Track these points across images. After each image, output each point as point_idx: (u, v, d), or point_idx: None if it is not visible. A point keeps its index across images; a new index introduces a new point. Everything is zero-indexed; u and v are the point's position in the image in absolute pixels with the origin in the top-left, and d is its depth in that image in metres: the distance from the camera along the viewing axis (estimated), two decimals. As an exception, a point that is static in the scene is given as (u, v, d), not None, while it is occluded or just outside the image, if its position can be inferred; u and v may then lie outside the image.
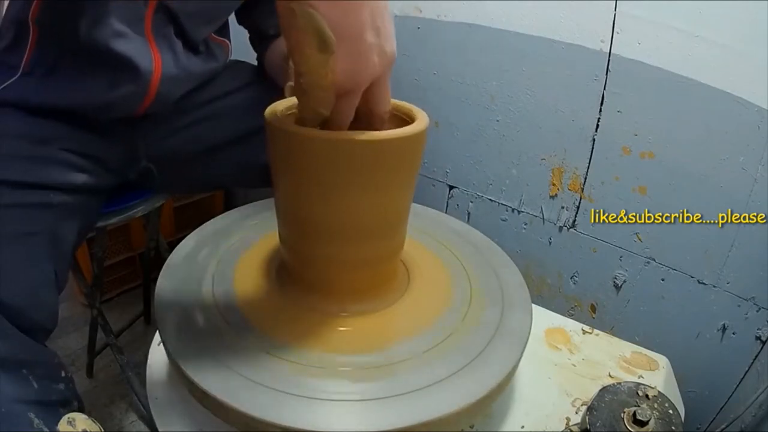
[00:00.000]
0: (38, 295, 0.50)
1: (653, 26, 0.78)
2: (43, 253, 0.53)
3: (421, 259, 0.54)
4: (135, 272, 1.35)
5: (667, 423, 0.43)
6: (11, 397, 0.43)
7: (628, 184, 0.87)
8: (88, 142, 0.63)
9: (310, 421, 0.36)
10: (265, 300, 0.48)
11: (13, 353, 0.45)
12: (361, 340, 0.44)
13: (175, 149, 0.71)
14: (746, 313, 0.80)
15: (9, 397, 0.43)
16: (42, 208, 0.56)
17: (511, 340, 0.45)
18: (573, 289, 0.99)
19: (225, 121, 0.73)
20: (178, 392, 0.48)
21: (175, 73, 0.63)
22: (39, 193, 0.56)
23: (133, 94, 0.60)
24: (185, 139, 0.71)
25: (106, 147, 0.66)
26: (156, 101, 0.63)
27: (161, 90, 0.62)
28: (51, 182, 0.57)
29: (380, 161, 0.40)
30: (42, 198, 0.56)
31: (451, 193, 1.10)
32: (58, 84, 0.60)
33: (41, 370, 0.47)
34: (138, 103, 0.62)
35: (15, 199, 0.53)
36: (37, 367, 0.46)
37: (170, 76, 0.62)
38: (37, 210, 0.55)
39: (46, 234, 0.55)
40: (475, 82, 0.98)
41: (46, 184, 0.57)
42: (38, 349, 0.48)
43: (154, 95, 0.62)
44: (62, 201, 0.58)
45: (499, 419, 0.49)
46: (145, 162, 0.71)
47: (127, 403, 1.07)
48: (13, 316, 0.46)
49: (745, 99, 0.73)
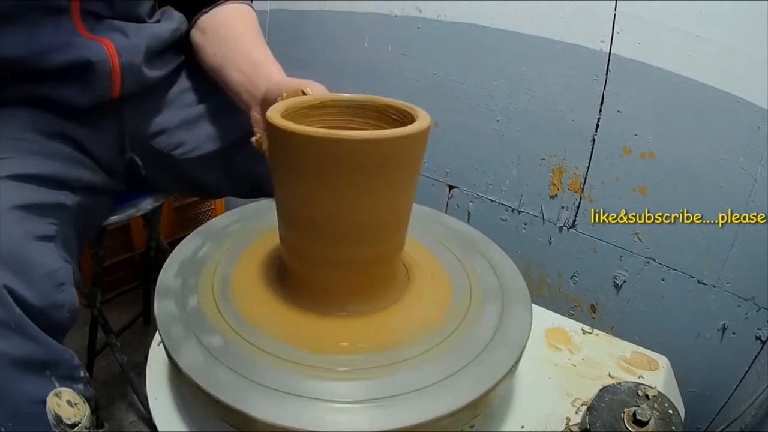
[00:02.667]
0: (61, 294, 0.50)
1: (653, 26, 0.78)
2: (60, 254, 0.53)
3: (421, 259, 0.54)
4: (135, 272, 1.35)
5: (667, 423, 0.43)
6: (34, 398, 0.44)
7: (628, 184, 0.87)
8: (81, 135, 0.64)
9: (310, 421, 0.36)
10: (264, 300, 0.48)
11: (37, 354, 0.45)
12: (361, 340, 0.44)
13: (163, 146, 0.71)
14: (746, 313, 0.80)
15: (32, 398, 0.44)
16: (58, 208, 0.56)
17: (511, 340, 0.45)
18: (573, 289, 0.99)
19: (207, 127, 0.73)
20: (178, 392, 0.48)
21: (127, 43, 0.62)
22: (53, 192, 0.56)
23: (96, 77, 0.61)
24: (169, 137, 0.72)
25: (96, 141, 0.66)
26: (125, 75, 0.63)
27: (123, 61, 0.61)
28: (63, 176, 0.58)
29: (380, 161, 0.40)
30: (57, 198, 0.57)
31: (451, 193, 1.10)
32: None
33: (62, 370, 0.47)
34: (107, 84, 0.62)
35: (33, 198, 0.53)
36: (58, 368, 0.47)
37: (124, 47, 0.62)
38: (53, 210, 0.55)
39: (62, 235, 0.55)
40: (475, 82, 0.98)
41: (58, 178, 0.58)
42: (60, 350, 0.48)
43: (119, 70, 0.61)
44: (73, 201, 0.59)
45: (499, 419, 0.49)
46: (130, 153, 0.71)
47: (127, 403, 1.07)
48: (37, 315, 0.46)
49: (745, 99, 0.73)
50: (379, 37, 1.08)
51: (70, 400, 0.44)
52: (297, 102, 0.48)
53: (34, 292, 0.46)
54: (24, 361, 0.44)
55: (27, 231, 0.50)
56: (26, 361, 0.44)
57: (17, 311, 0.44)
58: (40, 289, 0.47)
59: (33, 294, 0.46)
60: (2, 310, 0.43)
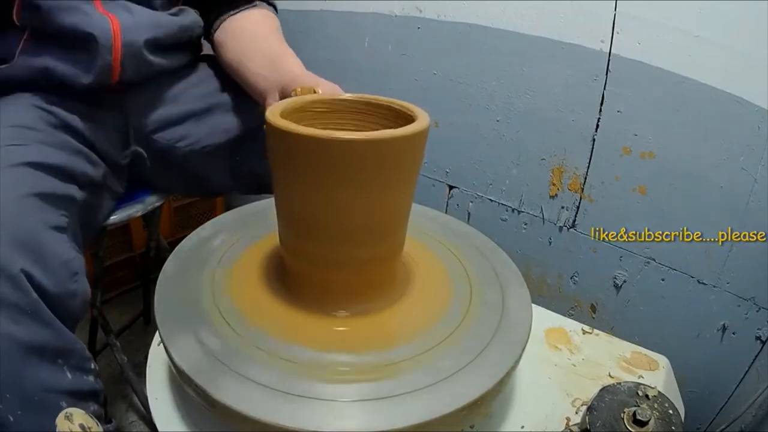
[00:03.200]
0: (75, 283, 0.49)
1: (653, 26, 0.78)
2: (72, 245, 0.53)
3: (421, 259, 0.54)
4: (135, 272, 1.35)
5: (667, 423, 0.43)
6: (46, 386, 0.43)
7: (628, 184, 0.87)
8: (85, 128, 0.64)
9: (310, 421, 0.36)
10: (264, 300, 0.48)
11: (51, 341, 0.45)
12: (361, 339, 0.44)
13: (167, 139, 0.71)
14: (746, 313, 0.80)
15: (45, 385, 0.43)
16: (68, 200, 0.56)
17: (511, 340, 0.45)
18: (573, 289, 0.99)
19: (212, 121, 0.73)
20: (178, 392, 0.48)
21: (132, 21, 0.63)
22: (65, 185, 0.56)
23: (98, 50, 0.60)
24: (174, 130, 0.72)
25: (101, 133, 0.66)
26: (125, 54, 0.62)
27: (125, 40, 0.62)
28: (71, 167, 0.58)
29: (380, 161, 0.40)
30: (68, 190, 0.57)
31: (451, 193, 1.10)
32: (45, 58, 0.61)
33: (74, 360, 0.47)
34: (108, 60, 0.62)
35: (46, 187, 0.53)
36: (71, 358, 0.47)
37: (129, 25, 0.62)
38: (65, 201, 0.55)
39: (72, 227, 0.55)
40: (475, 82, 0.98)
41: (71, 172, 0.58)
42: (72, 339, 0.48)
43: (120, 47, 0.61)
44: (80, 196, 0.59)
45: (499, 419, 0.49)
46: (135, 146, 0.71)
47: (127, 403, 1.07)
48: (52, 302, 0.46)
49: (745, 99, 0.73)
50: (379, 37, 1.08)
51: (83, 424, 0.43)
52: (297, 102, 0.48)
53: (51, 279, 0.46)
54: (38, 347, 0.43)
55: (43, 219, 0.49)
56: (40, 348, 0.43)
57: (34, 296, 0.44)
58: (57, 277, 0.47)
59: (50, 281, 0.46)
60: (19, 294, 0.43)
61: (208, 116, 0.73)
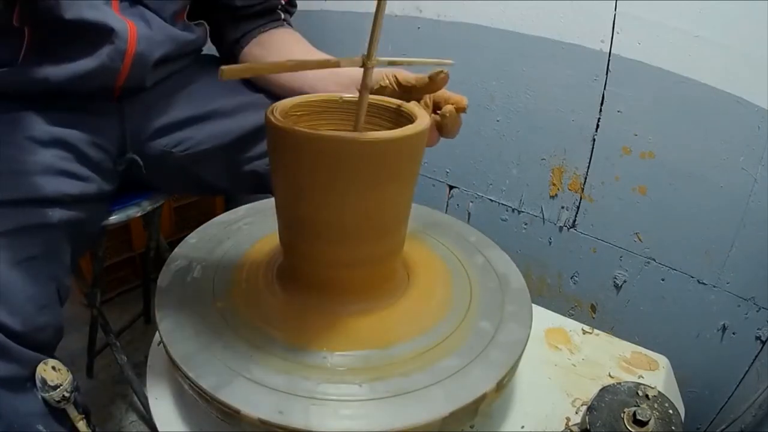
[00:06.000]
0: (41, 316, 0.50)
1: (653, 26, 0.78)
2: (44, 274, 0.53)
3: (421, 259, 0.54)
4: (135, 272, 1.35)
5: (667, 423, 0.43)
6: (20, 413, 0.45)
7: (628, 184, 0.87)
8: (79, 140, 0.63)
9: (310, 421, 0.36)
10: (264, 300, 0.48)
11: (17, 372, 0.46)
12: (360, 339, 0.44)
13: (164, 145, 0.71)
14: (746, 313, 0.80)
15: (20, 413, 0.45)
16: (41, 228, 0.55)
17: (511, 340, 0.45)
18: (573, 289, 0.99)
19: (212, 125, 0.73)
20: (178, 392, 0.48)
21: (149, 34, 0.62)
22: (36, 212, 0.55)
23: (112, 51, 0.60)
24: (171, 136, 0.71)
25: (96, 144, 0.65)
26: (135, 64, 0.62)
27: (139, 50, 0.61)
28: (46, 195, 0.56)
29: (380, 161, 0.40)
30: (40, 218, 0.55)
31: (451, 193, 1.10)
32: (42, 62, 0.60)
33: None
34: (118, 64, 0.61)
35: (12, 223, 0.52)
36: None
37: (145, 36, 0.62)
38: (36, 231, 0.54)
39: (47, 254, 0.54)
40: (475, 82, 0.98)
41: (42, 198, 0.56)
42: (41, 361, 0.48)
43: (132, 54, 0.61)
44: (61, 217, 0.57)
45: (499, 419, 0.49)
46: (131, 153, 0.71)
47: (127, 403, 1.07)
48: (22, 341, 0.47)
49: (745, 99, 0.73)
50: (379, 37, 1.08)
51: (55, 366, 0.47)
52: (298, 101, 0.48)
53: (17, 317, 0.47)
54: (8, 380, 0.45)
55: (8, 258, 0.49)
56: (10, 380, 0.45)
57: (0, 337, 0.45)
58: (23, 314, 0.48)
59: (15, 320, 0.47)
60: None
61: (207, 121, 0.73)
